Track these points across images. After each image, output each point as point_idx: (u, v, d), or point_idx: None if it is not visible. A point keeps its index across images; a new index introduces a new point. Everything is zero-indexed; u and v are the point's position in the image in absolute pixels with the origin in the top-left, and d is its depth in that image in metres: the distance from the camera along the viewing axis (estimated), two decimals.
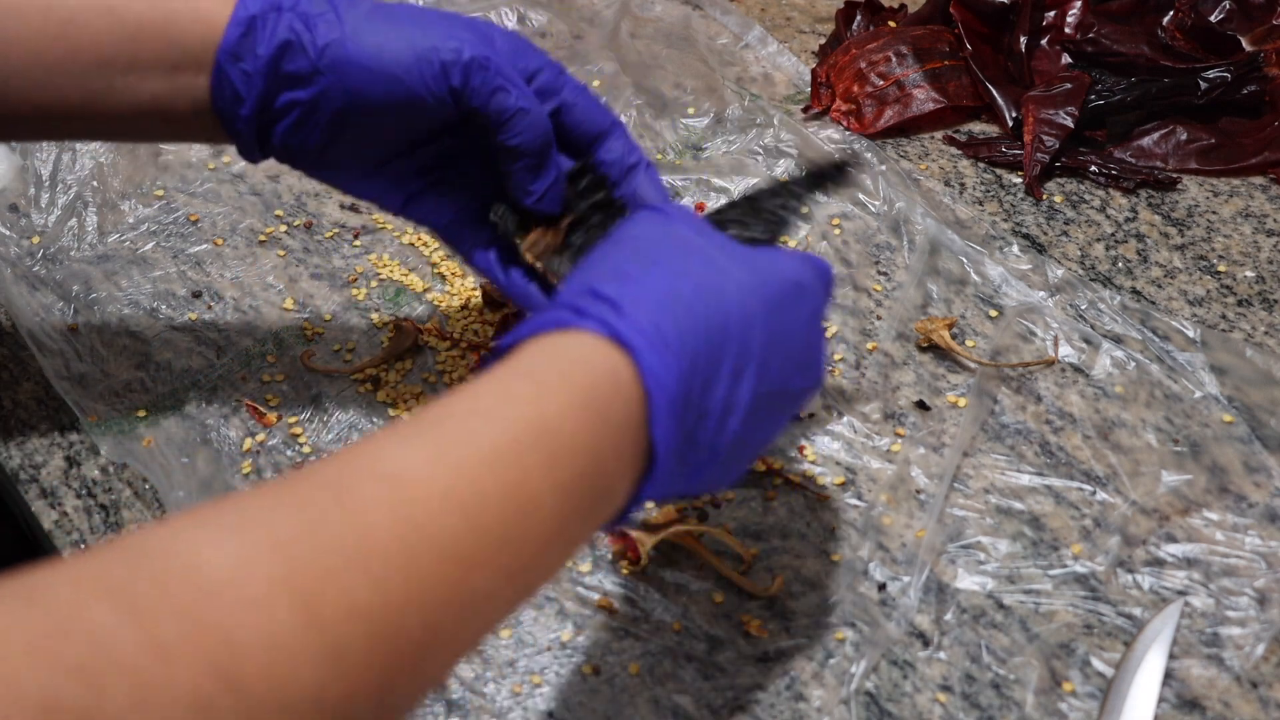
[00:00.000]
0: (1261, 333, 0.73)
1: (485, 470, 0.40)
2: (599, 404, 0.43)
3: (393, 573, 0.37)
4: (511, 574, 0.40)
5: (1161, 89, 0.85)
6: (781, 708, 0.57)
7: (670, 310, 0.46)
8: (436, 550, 0.38)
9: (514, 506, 0.40)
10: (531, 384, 0.43)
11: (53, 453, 0.69)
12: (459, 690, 0.58)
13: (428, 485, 0.39)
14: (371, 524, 0.37)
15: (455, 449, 0.40)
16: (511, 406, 0.42)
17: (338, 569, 0.36)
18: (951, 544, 0.63)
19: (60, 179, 0.83)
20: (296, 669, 0.34)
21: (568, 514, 0.42)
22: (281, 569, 0.35)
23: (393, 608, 0.36)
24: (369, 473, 0.39)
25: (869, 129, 0.86)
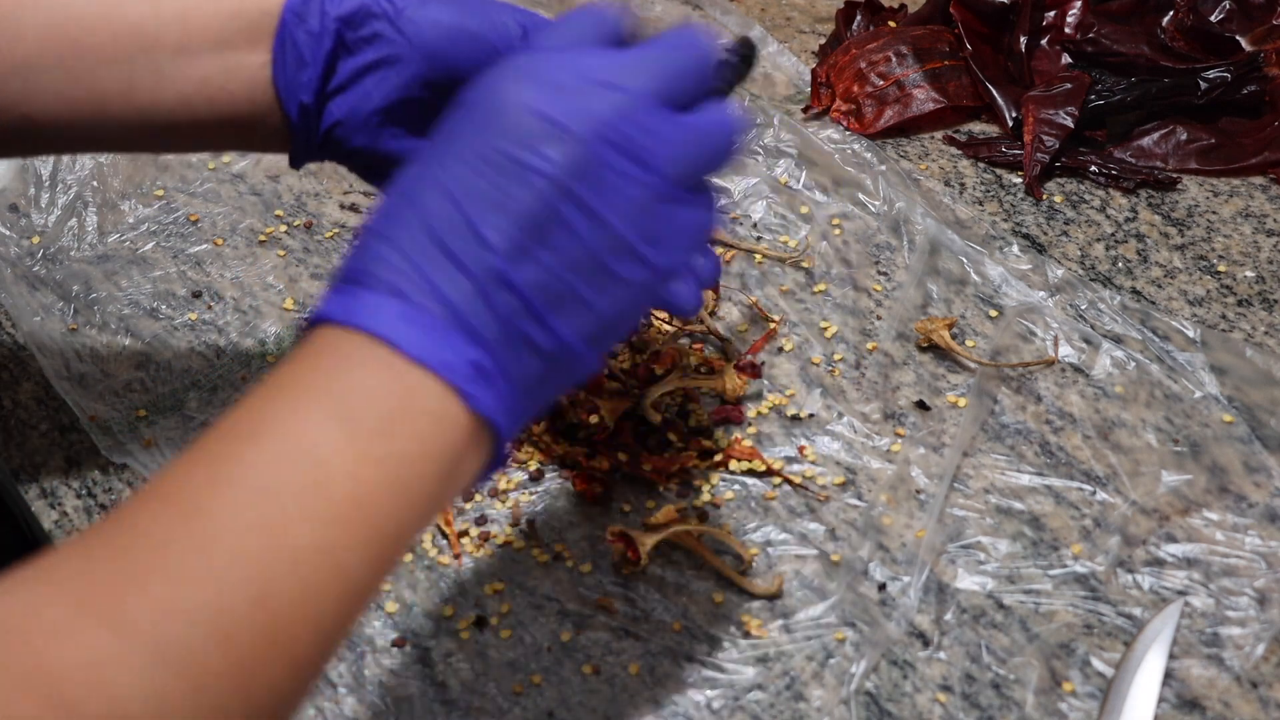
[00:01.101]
0: (1261, 333, 0.73)
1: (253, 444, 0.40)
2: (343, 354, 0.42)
3: (194, 563, 0.37)
4: (333, 517, 0.39)
5: (1161, 89, 0.85)
6: (781, 708, 0.57)
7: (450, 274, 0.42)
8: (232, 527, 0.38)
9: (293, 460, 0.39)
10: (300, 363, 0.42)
11: (53, 453, 0.69)
12: (459, 690, 0.58)
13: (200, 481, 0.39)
14: (154, 531, 0.37)
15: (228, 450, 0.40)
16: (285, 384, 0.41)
17: (136, 577, 0.36)
18: (951, 544, 0.63)
19: (60, 179, 0.83)
20: (127, 681, 0.34)
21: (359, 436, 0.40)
22: (78, 596, 0.35)
23: (208, 594, 0.36)
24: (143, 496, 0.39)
25: (869, 129, 0.86)
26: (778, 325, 0.74)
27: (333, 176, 0.85)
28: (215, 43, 0.55)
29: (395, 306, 0.42)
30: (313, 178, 0.84)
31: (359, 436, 0.40)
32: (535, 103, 0.43)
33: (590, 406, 0.68)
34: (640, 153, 0.44)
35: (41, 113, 0.56)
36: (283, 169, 0.85)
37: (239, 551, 0.37)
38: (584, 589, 0.62)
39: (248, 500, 0.38)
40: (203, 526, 0.37)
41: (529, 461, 0.67)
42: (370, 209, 0.46)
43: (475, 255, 0.42)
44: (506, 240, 0.43)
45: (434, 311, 0.42)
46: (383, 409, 0.41)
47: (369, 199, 0.83)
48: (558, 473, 0.67)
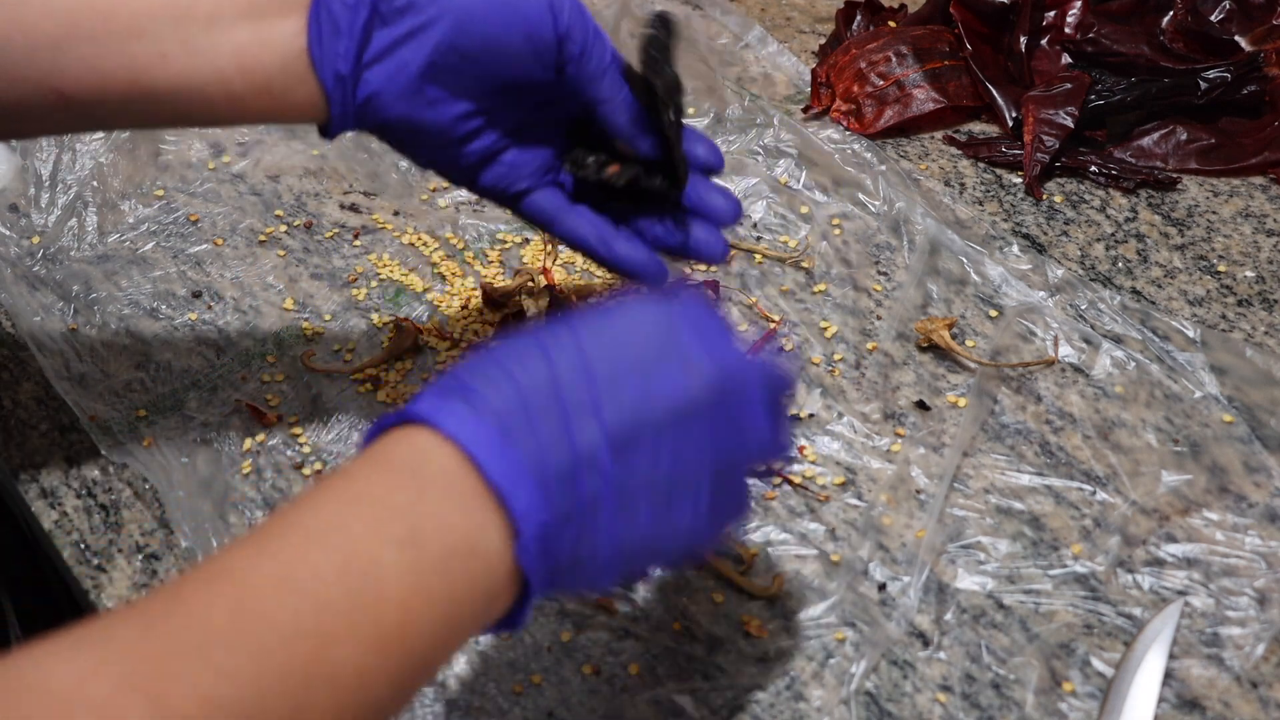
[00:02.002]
0: (1261, 333, 0.73)
1: (311, 547, 0.40)
2: (425, 474, 0.43)
3: (239, 660, 0.37)
4: (378, 643, 0.40)
5: (1161, 89, 0.85)
6: (781, 708, 0.57)
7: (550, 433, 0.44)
8: (282, 631, 0.38)
9: (350, 572, 0.40)
10: (355, 474, 0.43)
11: (53, 453, 0.69)
12: (459, 690, 0.58)
13: (260, 574, 0.39)
14: (210, 617, 0.38)
15: (280, 539, 0.40)
16: (335, 493, 0.42)
17: (181, 664, 0.36)
18: (951, 544, 0.63)
19: (60, 179, 0.83)
20: None
21: (420, 570, 0.41)
22: (124, 672, 0.36)
23: (249, 694, 0.37)
24: (204, 576, 0.39)
25: (869, 129, 0.86)
26: (778, 325, 0.74)
27: (333, 176, 0.85)
28: (248, 11, 0.55)
29: (498, 438, 0.43)
30: (313, 178, 0.85)
31: (421, 569, 0.41)
32: (686, 340, 0.47)
33: None
34: (742, 420, 0.48)
35: (74, 87, 0.55)
36: (283, 169, 0.85)
37: (285, 659, 0.38)
38: None
39: (301, 607, 0.39)
40: (253, 624, 0.38)
41: None
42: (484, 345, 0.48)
43: (588, 430, 0.44)
44: (620, 432, 0.45)
45: (530, 461, 0.43)
46: (451, 544, 0.42)
47: (369, 199, 0.83)
48: None
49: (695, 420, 0.47)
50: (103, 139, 0.84)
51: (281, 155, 0.86)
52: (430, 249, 0.80)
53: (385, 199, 0.83)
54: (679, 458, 0.46)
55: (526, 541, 0.43)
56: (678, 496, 0.47)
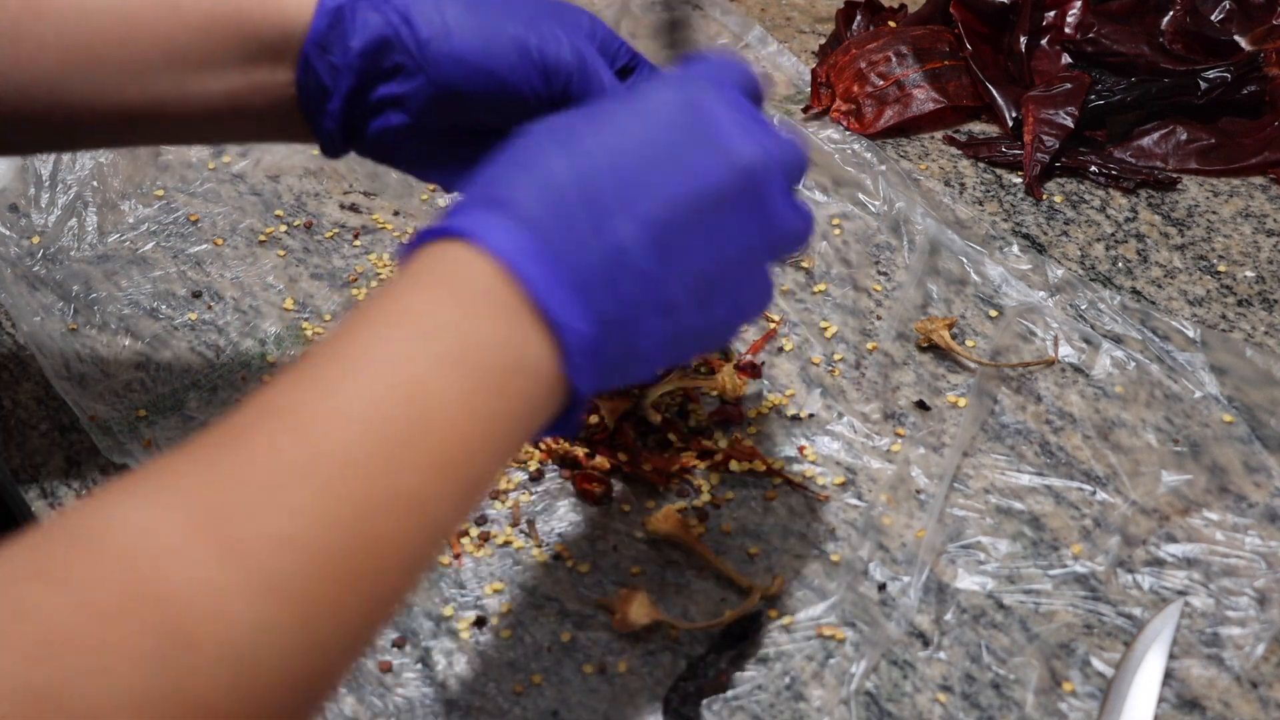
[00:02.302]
0: (1261, 333, 0.73)
1: (362, 374, 0.40)
2: (471, 290, 0.42)
3: (305, 496, 0.37)
4: (438, 467, 0.39)
5: (1161, 89, 0.85)
6: (781, 708, 0.57)
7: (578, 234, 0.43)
8: (345, 464, 0.38)
9: (404, 397, 0.39)
10: (399, 292, 0.42)
11: (53, 453, 0.69)
12: (459, 690, 0.58)
13: (315, 407, 0.39)
14: (273, 455, 0.37)
15: (331, 368, 0.40)
16: (381, 314, 0.41)
17: (249, 504, 0.36)
18: (951, 544, 0.63)
19: (60, 179, 0.83)
20: (238, 610, 0.34)
21: (472, 389, 0.41)
22: (192, 516, 0.35)
23: (318, 529, 0.36)
24: (259, 413, 0.39)
25: (869, 129, 0.86)
26: (778, 325, 0.74)
27: (333, 176, 0.85)
28: (239, 60, 0.56)
29: (538, 249, 0.42)
30: (313, 178, 0.85)
31: (477, 390, 0.41)
32: (715, 122, 0.46)
33: (590, 406, 0.68)
34: (770, 205, 0.47)
35: (65, 117, 0.56)
36: (283, 169, 0.85)
37: (350, 491, 0.37)
38: (584, 589, 0.62)
39: (360, 436, 0.38)
40: (312, 458, 0.37)
41: (529, 461, 0.67)
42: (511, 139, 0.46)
43: (624, 229, 0.43)
44: (657, 228, 0.44)
45: (570, 269, 0.42)
46: (503, 362, 0.41)
47: (369, 199, 0.83)
48: (557, 472, 0.67)
49: (730, 207, 0.46)
50: None
51: (281, 155, 0.86)
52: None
53: (385, 199, 0.83)
54: (717, 248, 0.46)
55: (572, 354, 0.42)
56: (717, 288, 0.46)
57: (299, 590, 0.36)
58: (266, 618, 0.35)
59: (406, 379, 0.40)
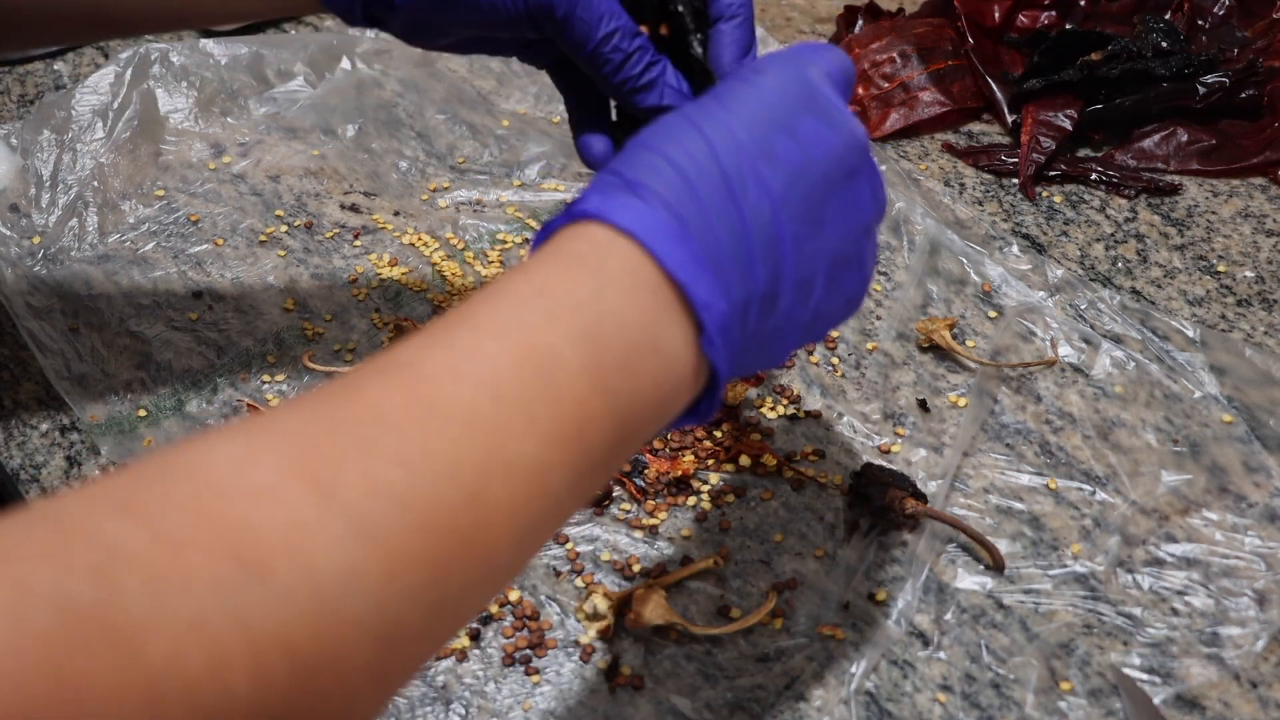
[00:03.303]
0: (1261, 333, 0.73)
1: (489, 339, 0.39)
2: (605, 270, 0.41)
3: (410, 446, 0.36)
4: (555, 438, 0.38)
5: (1160, 93, 0.85)
6: (781, 708, 0.57)
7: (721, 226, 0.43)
8: (456, 420, 0.37)
9: (529, 364, 0.39)
10: (533, 270, 0.41)
11: (53, 453, 0.69)
12: (459, 690, 0.58)
13: (435, 364, 0.38)
14: (380, 405, 0.36)
15: (457, 332, 0.39)
16: (513, 287, 0.41)
17: (350, 450, 0.35)
18: (951, 544, 0.63)
19: (61, 179, 0.83)
20: (323, 548, 0.33)
21: (600, 365, 0.40)
22: (289, 456, 0.34)
23: (420, 481, 0.35)
24: (378, 367, 0.38)
25: (875, 132, 0.86)
26: None
27: (333, 176, 0.85)
28: None
29: (674, 228, 0.42)
30: (313, 178, 0.85)
31: (602, 365, 0.40)
32: (828, 99, 0.46)
33: None
34: (877, 176, 0.48)
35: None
36: (283, 169, 0.85)
37: (458, 449, 0.36)
38: (584, 589, 0.62)
39: (478, 398, 0.37)
40: (426, 412, 0.37)
41: None
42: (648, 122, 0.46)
43: (761, 207, 0.43)
44: (790, 202, 0.44)
45: (706, 248, 0.42)
46: (632, 340, 0.41)
47: (369, 199, 0.83)
48: None
49: (853, 179, 0.46)
50: (103, 139, 0.85)
51: (281, 155, 0.86)
52: (430, 249, 0.80)
53: (385, 199, 0.83)
54: (845, 220, 0.46)
55: (711, 334, 0.42)
56: (846, 262, 0.46)
57: (394, 540, 0.34)
58: (356, 562, 0.33)
59: (531, 346, 0.39)
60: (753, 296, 0.43)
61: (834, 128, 0.46)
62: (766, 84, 0.46)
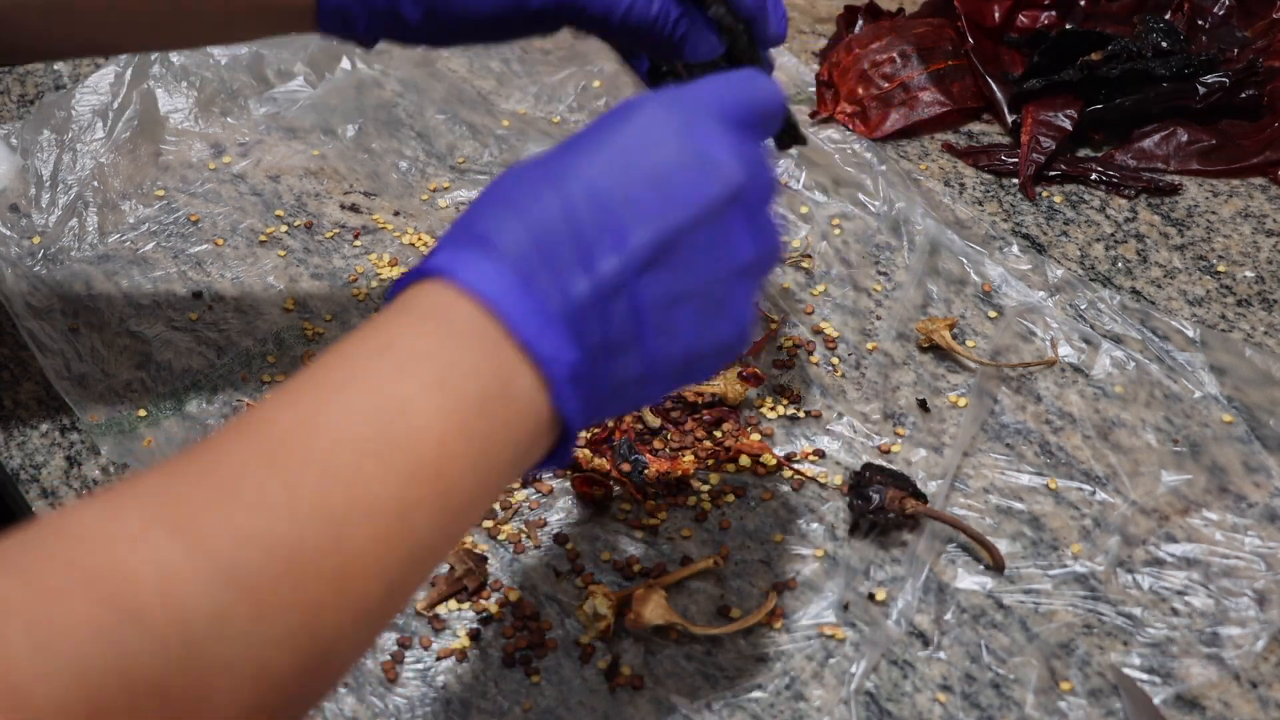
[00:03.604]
0: (1261, 333, 0.73)
1: (342, 393, 0.40)
2: (451, 325, 0.42)
3: (272, 494, 0.37)
4: (415, 477, 0.39)
5: (1160, 93, 0.85)
6: (781, 708, 0.57)
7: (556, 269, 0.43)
8: (314, 468, 0.38)
9: (384, 413, 0.40)
10: (380, 326, 0.43)
11: (53, 453, 0.69)
12: (459, 690, 0.58)
13: (291, 421, 0.39)
14: (239, 459, 0.37)
15: (311, 391, 0.40)
16: (361, 344, 0.42)
17: (214, 499, 0.36)
18: (951, 544, 0.63)
19: (61, 179, 0.83)
20: (193, 593, 0.34)
21: (454, 410, 0.41)
22: (153, 508, 0.35)
23: (284, 526, 0.36)
24: (233, 428, 0.39)
25: (874, 132, 0.86)
26: (778, 325, 0.74)
27: (333, 177, 0.85)
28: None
29: (517, 284, 0.42)
30: (313, 178, 0.85)
31: (456, 410, 0.41)
32: (702, 140, 0.46)
33: None
34: (760, 222, 0.47)
35: None
36: (283, 169, 0.85)
37: (319, 495, 0.37)
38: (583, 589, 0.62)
39: (335, 448, 0.38)
40: (286, 463, 0.38)
41: None
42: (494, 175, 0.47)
43: (609, 258, 0.43)
44: (645, 252, 0.44)
45: (553, 302, 0.42)
46: (481, 388, 0.41)
47: (369, 199, 0.83)
48: (556, 473, 0.67)
49: (721, 221, 0.46)
50: (103, 139, 0.85)
51: (281, 155, 0.86)
52: (430, 249, 0.80)
53: (385, 199, 0.83)
54: (712, 262, 0.45)
55: (559, 385, 0.43)
56: (715, 304, 0.46)
57: (261, 584, 0.35)
58: (224, 607, 0.34)
59: (382, 394, 0.40)
60: (605, 346, 0.44)
61: (704, 173, 0.45)
62: (633, 129, 0.46)
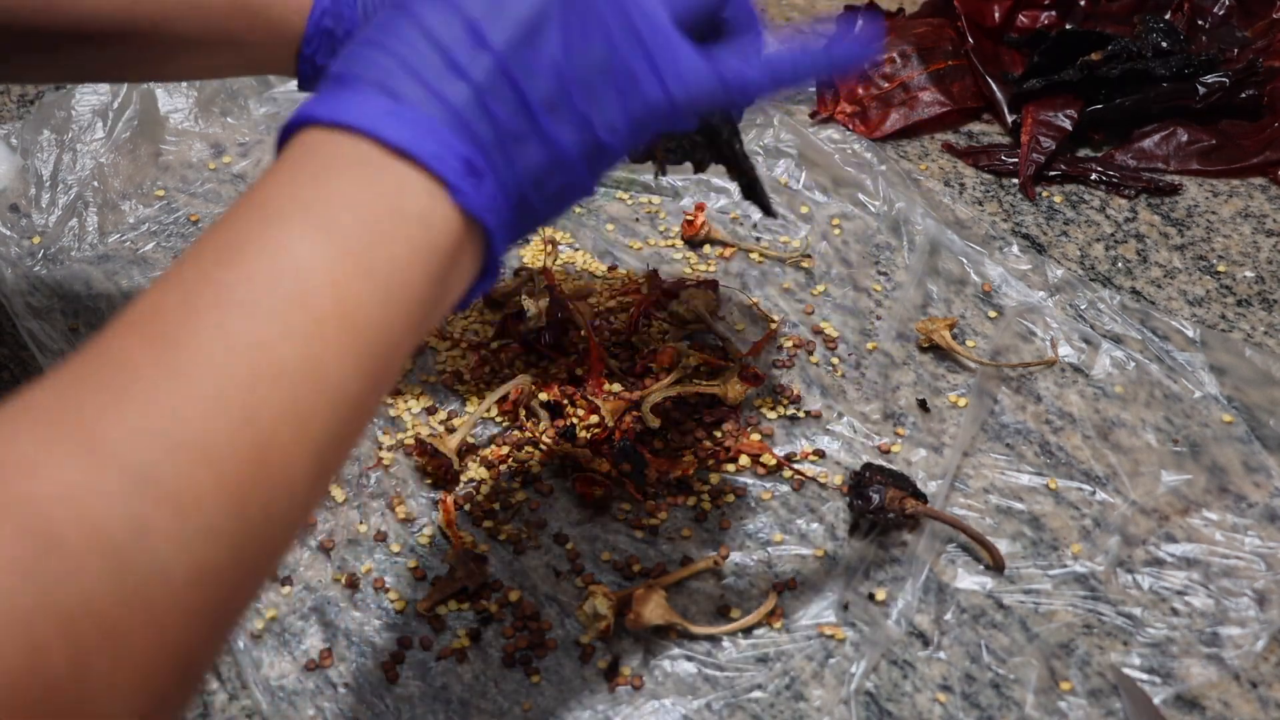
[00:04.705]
0: (1261, 333, 0.73)
1: (231, 268, 0.38)
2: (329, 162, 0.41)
3: (170, 384, 0.35)
4: (316, 332, 0.37)
5: (1160, 93, 0.85)
6: (781, 708, 0.57)
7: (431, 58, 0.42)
8: (208, 350, 0.36)
9: (274, 275, 0.38)
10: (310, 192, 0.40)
11: None
12: (459, 690, 0.58)
13: (174, 299, 0.37)
14: (131, 356, 0.36)
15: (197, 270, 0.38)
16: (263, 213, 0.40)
17: (107, 404, 0.34)
18: (951, 544, 0.63)
19: (61, 179, 0.83)
20: (106, 507, 0.32)
21: (348, 253, 0.39)
22: (51, 425, 0.34)
23: (188, 417, 0.35)
24: (122, 320, 0.38)
25: (874, 132, 0.86)
26: (778, 325, 0.74)
27: None
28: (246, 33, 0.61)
29: (385, 103, 0.41)
30: None
31: (344, 248, 0.39)
32: None
33: (591, 406, 0.68)
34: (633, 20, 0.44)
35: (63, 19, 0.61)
36: None
37: (221, 373, 0.36)
38: (584, 589, 0.62)
39: (227, 321, 0.36)
40: (180, 350, 0.36)
41: (529, 462, 0.67)
42: None
43: (474, 57, 0.42)
44: (506, 41, 0.42)
45: (428, 110, 0.41)
46: (368, 215, 0.40)
47: None
48: (556, 473, 0.67)
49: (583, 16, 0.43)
50: (103, 139, 0.84)
51: None
52: None
53: None
54: (588, 39, 0.43)
55: (455, 181, 0.41)
56: (605, 73, 0.44)
57: (176, 481, 0.34)
58: (143, 514, 0.33)
59: (271, 255, 0.38)
60: (500, 136, 0.42)
61: None
62: None
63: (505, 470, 0.67)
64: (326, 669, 0.59)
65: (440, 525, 0.64)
